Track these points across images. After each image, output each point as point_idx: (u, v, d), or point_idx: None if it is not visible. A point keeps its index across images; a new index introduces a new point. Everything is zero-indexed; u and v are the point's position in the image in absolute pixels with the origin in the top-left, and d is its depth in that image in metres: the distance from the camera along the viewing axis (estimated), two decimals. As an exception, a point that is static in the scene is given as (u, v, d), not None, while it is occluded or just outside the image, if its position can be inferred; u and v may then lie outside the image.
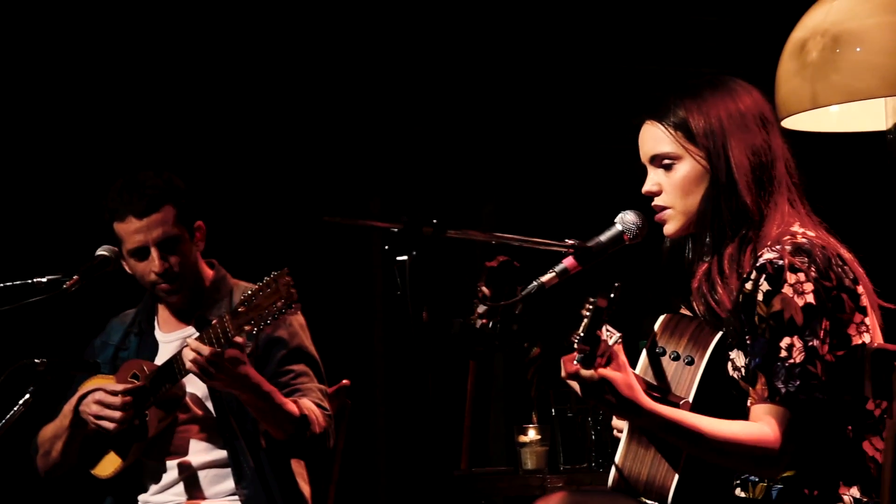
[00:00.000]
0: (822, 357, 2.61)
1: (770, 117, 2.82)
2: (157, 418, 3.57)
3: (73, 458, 3.66)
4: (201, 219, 3.75)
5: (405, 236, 2.64)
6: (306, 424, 3.47)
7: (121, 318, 3.88)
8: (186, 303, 3.71)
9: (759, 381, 2.63)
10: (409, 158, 5.52)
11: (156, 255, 3.60)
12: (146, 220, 3.59)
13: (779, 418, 2.61)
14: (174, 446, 3.64)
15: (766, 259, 2.67)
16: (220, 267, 3.80)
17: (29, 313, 3.51)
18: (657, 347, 2.79)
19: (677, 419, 2.61)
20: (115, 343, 3.80)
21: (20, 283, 3.50)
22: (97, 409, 3.53)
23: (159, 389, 3.52)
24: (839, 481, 2.67)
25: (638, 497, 2.84)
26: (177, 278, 3.63)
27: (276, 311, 3.22)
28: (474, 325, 2.80)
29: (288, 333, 3.63)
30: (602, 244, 2.81)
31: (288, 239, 5.18)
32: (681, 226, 2.82)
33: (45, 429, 3.69)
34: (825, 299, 2.64)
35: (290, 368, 3.61)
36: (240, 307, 3.26)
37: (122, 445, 3.61)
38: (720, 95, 2.79)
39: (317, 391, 3.60)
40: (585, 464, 3.92)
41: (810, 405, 2.60)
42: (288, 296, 3.21)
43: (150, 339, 3.77)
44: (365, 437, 5.29)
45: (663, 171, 2.82)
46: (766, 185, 2.75)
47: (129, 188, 3.61)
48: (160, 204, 3.60)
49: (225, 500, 3.61)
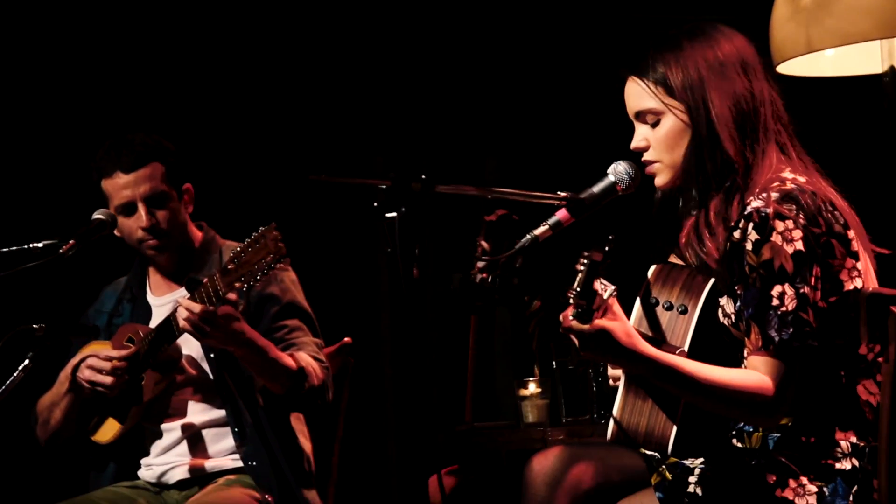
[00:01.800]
0: (813, 303, 2.61)
1: (753, 62, 2.79)
2: (153, 381, 3.57)
3: (72, 425, 3.67)
4: (193, 183, 3.74)
5: (394, 193, 2.64)
6: (304, 377, 3.47)
7: (113, 286, 3.88)
8: (175, 264, 3.71)
9: (753, 331, 2.62)
10: (411, 116, 5.50)
11: (143, 211, 3.59)
12: (133, 175, 3.58)
13: (774, 367, 2.60)
14: (172, 408, 3.65)
15: (754, 207, 2.66)
16: (208, 228, 3.80)
17: (26, 279, 3.50)
18: (650, 298, 2.78)
19: (675, 364, 2.61)
20: (108, 310, 3.80)
21: (17, 248, 3.49)
22: (90, 374, 3.53)
23: (158, 351, 3.52)
24: (835, 427, 2.67)
25: (637, 448, 2.85)
26: (164, 235, 3.63)
27: (265, 267, 3.19)
28: (474, 280, 2.80)
29: (280, 289, 3.63)
30: (595, 195, 2.81)
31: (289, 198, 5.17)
32: (670, 178, 2.82)
33: (43, 397, 3.70)
34: (814, 245, 2.63)
35: (284, 324, 3.61)
36: (229, 264, 3.25)
37: (120, 410, 3.61)
38: (699, 45, 2.77)
39: (312, 345, 3.61)
40: (587, 416, 3.92)
41: (804, 352, 2.60)
42: (276, 250, 3.19)
43: (142, 303, 3.77)
44: (370, 393, 5.29)
45: (649, 126, 2.81)
46: (749, 133, 2.74)
47: (116, 146, 3.61)
48: (148, 160, 3.60)
49: (227, 459, 3.62)
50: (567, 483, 2.83)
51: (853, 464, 2.65)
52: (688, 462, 2.75)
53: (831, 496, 2.63)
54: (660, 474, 2.76)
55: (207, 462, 3.62)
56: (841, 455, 2.66)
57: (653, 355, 2.60)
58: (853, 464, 2.65)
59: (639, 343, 2.60)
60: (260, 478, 3.52)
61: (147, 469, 3.67)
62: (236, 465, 3.59)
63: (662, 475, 2.76)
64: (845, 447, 2.66)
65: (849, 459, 2.65)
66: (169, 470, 3.63)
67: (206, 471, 3.61)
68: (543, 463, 2.88)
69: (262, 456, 3.53)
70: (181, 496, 3.60)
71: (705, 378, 2.61)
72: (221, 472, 3.60)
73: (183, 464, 3.62)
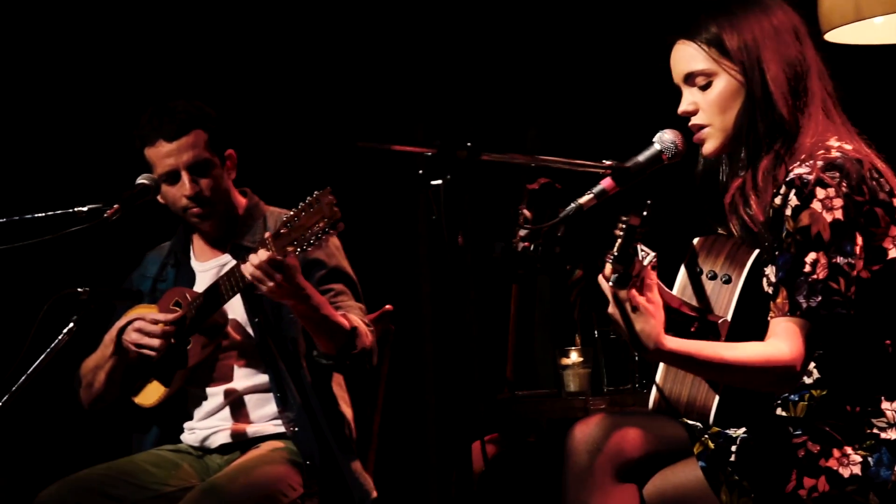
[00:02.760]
0: (847, 274, 2.59)
1: (803, 30, 2.79)
2: (199, 345, 3.59)
3: (116, 388, 3.69)
4: (236, 149, 3.74)
5: (439, 160, 2.63)
6: (356, 336, 3.48)
7: (157, 251, 3.90)
8: (220, 230, 3.72)
9: (781, 295, 2.61)
10: (452, 85, 5.48)
11: (186, 179, 3.60)
12: (176, 144, 3.59)
13: (799, 331, 2.59)
14: (217, 373, 3.67)
15: (797, 174, 2.65)
16: (252, 195, 3.80)
17: (71, 243, 3.52)
18: (695, 267, 2.77)
19: (693, 353, 2.60)
20: (152, 275, 3.82)
21: (61, 212, 3.51)
22: (137, 336, 3.55)
23: (205, 315, 3.54)
24: (880, 396, 2.66)
25: (679, 418, 2.84)
26: (208, 202, 3.64)
27: (319, 231, 3.18)
28: (516, 249, 2.80)
29: (325, 254, 3.63)
30: (640, 164, 2.80)
31: (332, 166, 5.17)
32: (720, 143, 2.80)
33: (86, 360, 3.72)
34: (856, 215, 2.62)
35: (330, 287, 3.61)
36: (282, 228, 3.24)
37: (166, 374, 3.63)
38: (752, 10, 2.77)
39: (357, 309, 3.62)
40: (629, 385, 3.90)
41: (832, 320, 2.59)
42: (332, 214, 3.18)
43: (186, 268, 3.78)
44: (411, 361, 5.30)
45: (698, 89, 2.80)
46: (801, 96, 2.74)
47: (159, 114, 3.62)
48: (190, 127, 3.60)
49: (269, 424, 3.64)
50: (609, 451, 2.83)
51: (899, 433, 2.64)
52: (730, 431, 2.74)
53: (876, 466, 2.62)
54: (702, 443, 2.76)
55: (249, 427, 3.64)
56: (886, 424, 2.65)
57: (671, 349, 2.59)
58: (899, 433, 2.64)
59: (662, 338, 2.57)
60: (302, 444, 3.54)
61: (190, 433, 3.70)
62: (278, 430, 3.61)
63: (705, 444, 2.75)
64: (891, 416, 2.65)
65: (894, 429, 2.64)
66: (211, 434, 3.66)
67: (248, 436, 3.63)
68: (585, 431, 2.87)
69: (305, 422, 3.55)
70: (223, 460, 3.63)
71: (725, 359, 2.60)
72: (264, 438, 3.62)
73: (225, 428, 3.65)
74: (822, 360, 2.69)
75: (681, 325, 2.70)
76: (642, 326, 2.55)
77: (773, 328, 2.63)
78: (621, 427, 2.86)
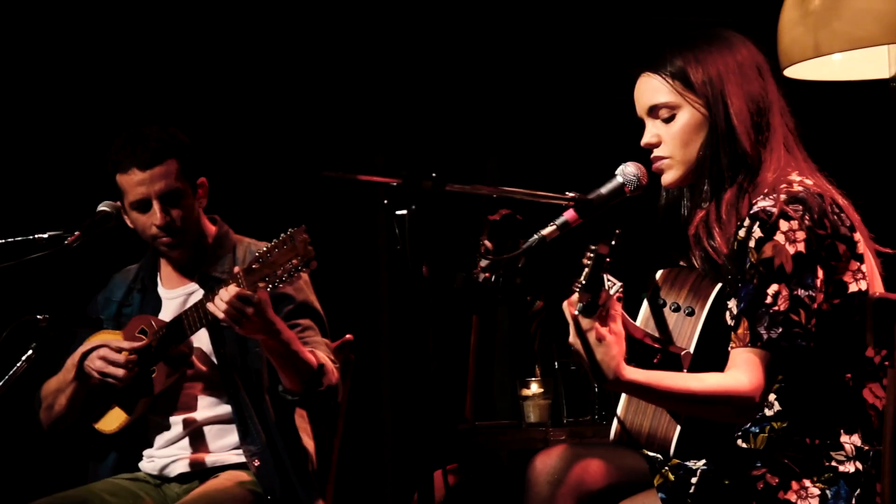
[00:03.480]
0: (807, 307, 2.61)
1: (765, 66, 2.83)
2: (164, 374, 3.56)
3: (76, 412, 3.66)
4: (205, 175, 3.72)
5: (405, 190, 2.64)
6: (323, 374, 3.47)
7: (123, 274, 3.87)
8: (189, 258, 3.70)
9: (742, 326, 2.63)
10: (412, 115, 5.50)
11: (157, 208, 3.58)
12: (149, 173, 3.56)
13: (759, 362, 2.60)
14: (180, 402, 3.64)
15: (760, 207, 2.67)
16: (222, 223, 3.78)
17: (30, 269, 3.50)
18: (658, 299, 2.78)
19: (650, 383, 2.60)
20: (118, 300, 3.79)
21: (21, 238, 3.48)
22: (101, 365, 3.53)
23: (170, 345, 3.52)
24: (839, 429, 2.68)
25: (640, 449, 2.85)
26: (178, 232, 3.62)
27: (291, 269, 3.18)
28: (477, 279, 2.80)
29: (294, 289, 3.62)
30: (603, 196, 2.81)
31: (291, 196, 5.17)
32: (680, 175, 2.82)
33: (48, 382, 3.69)
34: (818, 248, 2.64)
35: (297, 322, 3.60)
36: (254, 263, 3.23)
37: (128, 401, 3.61)
38: (716, 45, 2.80)
39: (323, 345, 3.60)
40: (588, 416, 3.92)
41: (792, 352, 2.60)
42: (305, 253, 3.17)
43: (153, 295, 3.76)
44: (370, 391, 5.29)
45: (661, 122, 2.82)
46: (763, 131, 2.76)
47: (132, 140, 3.59)
48: (164, 157, 3.58)
49: (230, 454, 3.62)
50: (569, 483, 2.84)
51: (857, 467, 2.65)
52: (690, 464, 2.75)
53: (833, 499, 2.64)
54: (662, 476, 2.77)
55: (209, 456, 3.62)
56: (844, 458, 2.66)
57: (629, 379, 2.58)
58: (857, 467, 2.65)
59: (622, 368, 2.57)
60: (263, 478, 3.52)
61: (149, 461, 3.67)
62: (239, 460, 3.58)
63: (665, 476, 2.76)
64: (849, 450, 2.66)
65: (853, 462, 2.66)
66: (170, 463, 3.63)
67: (207, 465, 3.61)
68: (546, 462, 2.88)
69: (267, 456, 3.52)
70: (182, 489, 3.60)
71: (683, 390, 2.60)
72: (224, 468, 3.59)
73: (185, 457, 3.62)
74: (783, 392, 2.70)
75: (643, 357, 2.72)
76: (602, 356, 2.55)
77: (733, 359, 2.63)
78: (582, 458, 2.86)
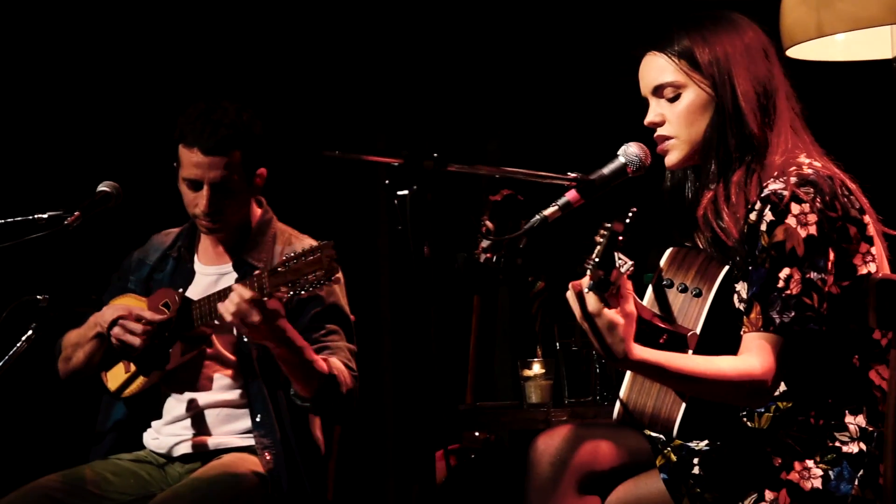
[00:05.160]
0: (820, 290, 2.60)
1: (771, 50, 2.82)
2: (180, 351, 3.56)
3: (92, 368, 3.65)
4: (267, 165, 3.68)
5: (406, 171, 2.62)
6: (334, 384, 3.46)
7: (161, 237, 3.84)
8: (229, 240, 3.68)
9: (755, 310, 2.62)
10: (413, 96, 5.48)
11: (206, 194, 3.54)
12: (210, 159, 3.52)
13: (771, 347, 2.60)
14: (193, 382, 3.63)
15: (771, 189, 2.66)
16: (268, 208, 3.75)
17: (31, 249, 3.49)
18: (664, 280, 2.78)
19: (662, 363, 2.59)
20: (151, 263, 3.77)
21: (21, 219, 3.48)
22: (119, 332, 3.52)
23: (187, 325, 3.51)
24: (844, 410, 2.68)
25: (643, 429, 2.85)
26: (221, 220, 3.60)
27: (314, 281, 3.18)
28: (478, 260, 2.80)
29: (325, 291, 3.58)
30: (605, 177, 2.80)
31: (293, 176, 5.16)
32: (684, 155, 2.81)
33: (69, 334, 3.68)
34: (829, 230, 2.63)
35: (322, 325, 3.58)
36: (280, 267, 3.22)
37: (145, 366, 3.60)
38: (723, 27, 2.79)
39: (346, 350, 3.59)
40: (590, 397, 3.91)
41: (804, 336, 2.60)
42: (330, 268, 3.17)
43: (187, 266, 3.73)
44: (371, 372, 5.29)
45: (666, 101, 2.81)
46: (770, 113, 2.75)
47: (205, 118, 3.53)
48: (230, 147, 3.53)
49: (235, 437, 3.61)
50: (572, 463, 2.83)
51: (860, 448, 2.65)
52: (692, 444, 2.75)
53: (836, 480, 2.64)
54: (664, 456, 2.77)
55: (212, 439, 3.61)
56: (848, 438, 2.66)
57: (640, 358, 2.57)
58: (860, 448, 2.65)
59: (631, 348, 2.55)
60: (273, 471, 3.50)
61: (154, 438, 3.67)
62: (243, 443, 3.58)
63: (667, 457, 2.76)
64: (854, 431, 2.66)
65: (856, 443, 2.66)
66: (176, 444, 3.62)
67: (209, 448, 3.60)
68: (549, 442, 2.87)
69: (279, 450, 3.52)
70: (184, 469, 3.60)
71: (691, 372, 2.59)
72: (228, 450, 3.59)
73: (188, 438, 3.62)
74: (791, 373, 2.69)
75: (650, 337, 2.70)
76: (612, 335, 2.54)
77: (745, 343, 2.63)
78: (585, 439, 2.86)
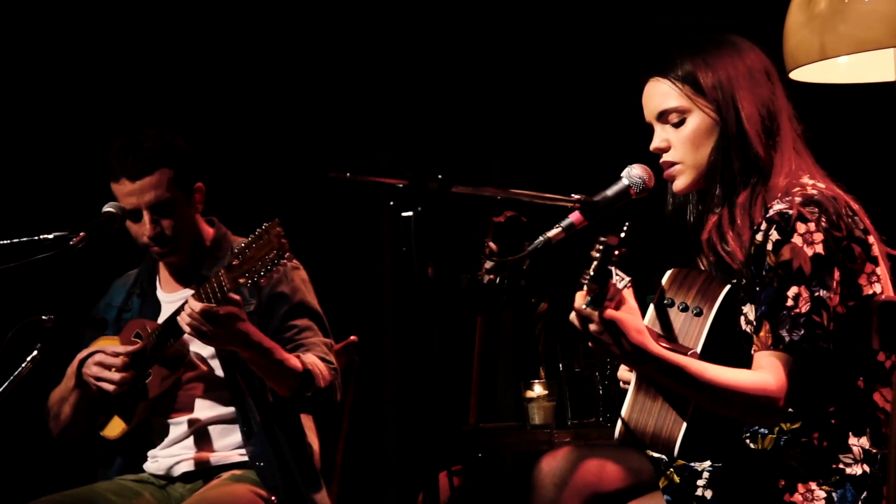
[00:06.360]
0: (828, 308, 2.61)
1: (773, 71, 2.83)
2: (160, 377, 3.57)
3: (82, 420, 3.66)
4: (203, 180, 3.70)
5: (410, 192, 2.63)
6: (310, 380, 3.46)
7: (123, 279, 3.87)
8: (186, 262, 3.70)
9: (764, 329, 2.62)
10: (416, 116, 5.50)
11: (147, 219, 3.56)
12: (139, 184, 3.54)
13: (782, 366, 2.60)
14: (180, 403, 3.64)
15: (777, 210, 2.66)
16: (220, 224, 3.77)
17: (36, 270, 3.50)
18: (665, 299, 2.78)
19: (683, 364, 2.58)
20: (118, 304, 3.79)
21: (26, 239, 3.48)
22: (97, 370, 3.53)
23: (165, 346, 3.52)
24: (848, 432, 2.67)
25: (644, 449, 2.84)
26: (169, 241, 3.61)
27: (269, 263, 3.18)
28: (482, 281, 2.80)
29: (290, 289, 3.62)
30: (608, 199, 2.79)
31: (297, 197, 5.17)
32: (691, 180, 2.82)
33: (54, 392, 3.69)
34: (835, 250, 2.64)
35: (294, 324, 3.60)
36: (233, 260, 3.24)
37: (127, 407, 3.61)
38: (725, 50, 2.80)
39: (321, 345, 3.60)
40: (593, 418, 3.92)
41: (814, 354, 2.60)
42: (279, 246, 3.17)
43: (152, 298, 3.76)
44: (374, 392, 5.29)
45: (671, 126, 2.81)
46: (774, 135, 2.76)
47: (125, 148, 3.56)
48: (155, 167, 3.55)
49: (233, 453, 3.61)
50: (575, 484, 2.83)
51: (864, 469, 2.65)
52: (695, 465, 2.75)
53: (840, 502, 2.63)
54: (667, 477, 2.76)
55: (212, 455, 3.62)
56: (852, 460, 2.66)
57: (661, 354, 2.56)
58: (864, 469, 2.65)
59: (648, 341, 2.56)
60: (266, 478, 3.52)
61: (153, 461, 3.67)
62: (242, 459, 3.59)
63: (670, 478, 2.75)
64: (857, 452, 2.66)
65: (860, 465, 2.65)
66: (175, 464, 3.63)
67: (211, 464, 3.61)
68: (552, 464, 2.87)
69: (270, 456, 3.53)
70: (186, 489, 3.60)
71: (713, 378, 2.59)
72: (227, 466, 3.59)
73: (188, 457, 3.62)
74: (796, 394, 2.69)
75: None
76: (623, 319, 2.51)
77: (757, 361, 2.63)
78: (588, 460, 2.86)
